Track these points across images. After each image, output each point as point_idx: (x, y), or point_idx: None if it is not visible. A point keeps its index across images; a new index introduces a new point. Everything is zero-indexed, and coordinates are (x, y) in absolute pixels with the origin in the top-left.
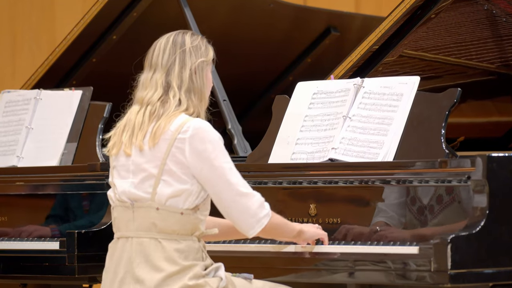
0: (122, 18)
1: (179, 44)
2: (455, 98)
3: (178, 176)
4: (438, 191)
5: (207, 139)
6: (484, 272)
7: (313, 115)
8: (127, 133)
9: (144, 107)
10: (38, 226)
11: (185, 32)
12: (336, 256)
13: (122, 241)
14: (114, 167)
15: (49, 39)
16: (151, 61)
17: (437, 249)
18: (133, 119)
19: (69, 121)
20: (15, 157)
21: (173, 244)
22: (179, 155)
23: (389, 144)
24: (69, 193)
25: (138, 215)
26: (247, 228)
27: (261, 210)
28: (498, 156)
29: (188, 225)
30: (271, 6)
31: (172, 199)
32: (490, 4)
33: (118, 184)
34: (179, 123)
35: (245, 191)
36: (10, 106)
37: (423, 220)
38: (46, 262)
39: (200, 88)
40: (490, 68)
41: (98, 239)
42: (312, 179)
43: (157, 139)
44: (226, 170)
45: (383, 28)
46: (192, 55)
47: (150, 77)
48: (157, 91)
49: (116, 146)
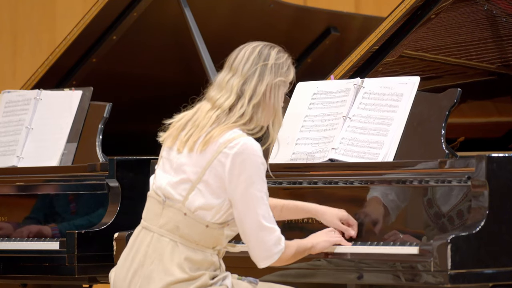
0: (122, 18)
1: (263, 56)
2: (455, 98)
3: (212, 189)
4: (438, 191)
5: (250, 161)
6: (484, 272)
7: (313, 115)
8: (188, 131)
9: (215, 110)
10: (38, 226)
11: (273, 46)
12: (337, 256)
13: (144, 232)
14: (162, 157)
15: (49, 39)
16: (232, 64)
17: (437, 250)
18: (200, 119)
19: (69, 121)
20: (15, 157)
21: (189, 252)
22: (219, 168)
23: (389, 144)
24: (69, 193)
25: (166, 214)
26: (258, 259)
27: (276, 247)
28: (498, 156)
29: (211, 238)
30: (271, 7)
31: (201, 211)
32: (490, 4)
33: (158, 175)
34: (229, 138)
35: (267, 225)
36: (10, 106)
37: (423, 220)
38: (46, 262)
39: (273, 105)
40: (490, 68)
41: (98, 239)
42: (312, 179)
43: (206, 146)
44: (257, 199)
45: (383, 28)
46: (272, 71)
47: (227, 80)
48: (230, 97)
49: (172, 139)
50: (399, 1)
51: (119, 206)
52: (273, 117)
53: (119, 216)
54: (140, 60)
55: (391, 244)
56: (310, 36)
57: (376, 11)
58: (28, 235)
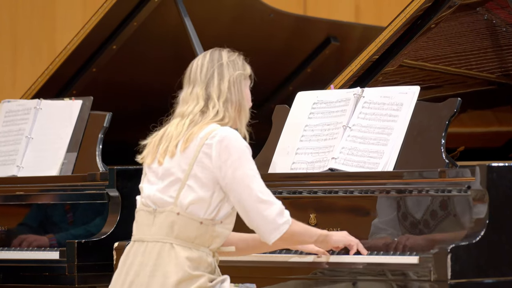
0: (122, 28)
1: (216, 58)
2: (455, 108)
3: (202, 182)
4: (438, 201)
5: (233, 146)
6: (485, 282)
7: (313, 125)
8: (164, 144)
9: (185, 118)
10: (37, 236)
11: (221, 49)
12: (336, 266)
13: (137, 244)
14: (145, 174)
15: (49, 48)
16: (190, 78)
17: (437, 259)
18: (173, 131)
19: (69, 130)
20: (15, 167)
21: (186, 251)
22: (206, 160)
23: (389, 154)
24: (69, 203)
25: (158, 220)
26: (266, 234)
27: (280, 218)
28: (498, 166)
29: (206, 235)
30: (271, 16)
31: (193, 206)
32: (490, 14)
33: (146, 188)
34: (209, 131)
35: (265, 198)
36: (10, 115)
37: (423, 230)
38: (46, 272)
39: (238, 100)
40: (490, 78)
41: (97, 249)
42: (312, 189)
43: (188, 143)
44: (249, 177)
45: (383, 38)
46: (230, 67)
47: (190, 92)
48: (198, 103)
49: (151, 155)
50: (399, 11)
51: (119, 215)
52: (240, 111)
53: (119, 226)
54: (140, 70)
55: (391, 254)
56: (310, 45)
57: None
58: (28, 245)
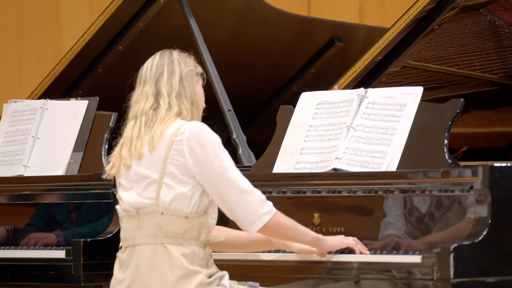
0: (127, 29)
1: (167, 57)
2: (458, 109)
3: (178, 178)
4: (441, 200)
5: (205, 139)
6: (487, 281)
7: (317, 125)
8: (125, 147)
9: (139, 119)
10: (44, 234)
11: (172, 49)
12: (339, 265)
13: (129, 249)
14: (119, 183)
15: (55, 49)
16: (141, 79)
17: (440, 258)
18: (130, 133)
19: (75, 130)
20: (21, 167)
21: (179, 248)
22: (178, 157)
23: (392, 154)
24: (75, 202)
25: (143, 222)
26: (248, 224)
27: (263, 207)
28: (501, 166)
29: (194, 229)
30: (276, 17)
31: (176, 202)
32: (493, 15)
33: (123, 196)
34: (176, 127)
35: (245, 188)
36: (17, 115)
37: (426, 229)
38: (52, 270)
39: (191, 95)
40: (492, 78)
41: (104, 248)
42: (316, 189)
43: (155, 143)
44: (226, 169)
45: (387, 39)
46: (181, 64)
47: (140, 92)
48: (148, 100)
49: (115, 164)
50: (403, 12)
51: None
52: (192, 107)
53: None
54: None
55: (394, 253)
56: (314, 46)
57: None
58: (35, 243)
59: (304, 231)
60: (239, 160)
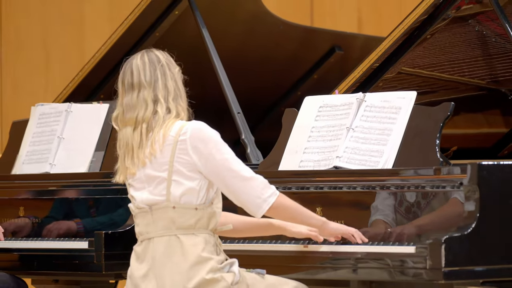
0: (145, 38)
1: (155, 60)
2: (448, 111)
3: (186, 175)
4: (433, 196)
5: (206, 136)
6: (475, 269)
7: (319, 126)
8: (128, 156)
9: (139, 126)
10: (65, 223)
11: (151, 50)
12: (340, 254)
13: (145, 243)
14: (129, 184)
15: (79, 57)
16: (132, 82)
17: (432, 249)
18: (131, 141)
19: (97, 131)
20: (48, 164)
21: (191, 238)
22: (184, 156)
23: (388, 153)
24: (96, 197)
25: (157, 217)
26: (255, 208)
27: (266, 191)
28: (488, 164)
29: (204, 219)
30: (281, 28)
31: (185, 196)
32: (481, 25)
33: (135, 195)
34: (178, 128)
35: (248, 176)
36: (44, 118)
37: (420, 222)
38: (76, 260)
39: (184, 94)
40: (481, 84)
41: (123, 239)
42: (318, 185)
43: (160, 147)
44: (228, 161)
45: (383, 48)
46: (170, 66)
47: (136, 97)
48: (148, 107)
49: (122, 173)
50: (398, 23)
51: None
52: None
53: None
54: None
55: (390, 244)
56: (316, 54)
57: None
58: (58, 233)
59: (308, 213)
60: (247, 159)
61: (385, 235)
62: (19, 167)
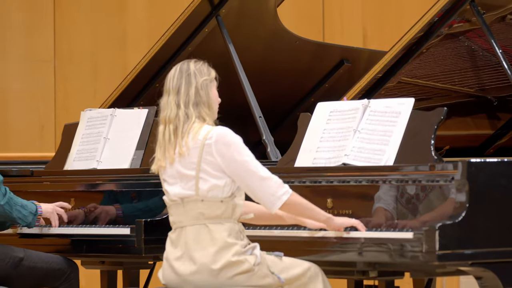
0: (179, 52)
1: (184, 69)
2: (442, 115)
3: (211, 173)
4: (428, 188)
5: (229, 141)
6: (465, 252)
7: (330, 128)
8: (160, 150)
9: (167, 126)
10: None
11: (189, 60)
12: (346, 240)
13: (178, 230)
14: (163, 180)
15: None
16: (165, 88)
17: (427, 235)
18: (161, 138)
19: (138, 132)
20: (95, 161)
21: (218, 226)
22: (209, 157)
23: (390, 152)
24: (137, 190)
25: (188, 208)
26: (270, 204)
27: (280, 189)
28: (476, 162)
29: (229, 209)
30: (297, 43)
31: (212, 191)
32: (470, 41)
33: (169, 189)
34: (205, 133)
35: (265, 176)
36: (91, 121)
37: (416, 212)
38: (119, 244)
39: (207, 101)
40: (469, 91)
41: (160, 226)
42: (329, 179)
43: (188, 149)
44: (248, 162)
45: (385, 60)
46: (196, 75)
47: (165, 101)
48: (172, 111)
49: (155, 163)
50: (398, 39)
51: None
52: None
53: None
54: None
55: (391, 230)
56: (327, 66)
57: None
58: (103, 221)
59: (317, 210)
60: (267, 157)
61: (387, 222)
62: (70, 163)
